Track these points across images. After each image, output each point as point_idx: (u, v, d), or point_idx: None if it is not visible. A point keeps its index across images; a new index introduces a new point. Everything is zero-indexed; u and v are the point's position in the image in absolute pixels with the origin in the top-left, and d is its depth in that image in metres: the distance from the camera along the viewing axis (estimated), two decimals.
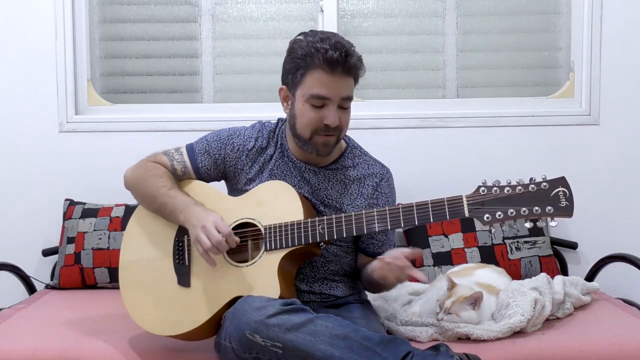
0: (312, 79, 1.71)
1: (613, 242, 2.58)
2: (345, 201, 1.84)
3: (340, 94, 1.71)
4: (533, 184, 1.54)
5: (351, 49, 1.72)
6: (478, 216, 1.55)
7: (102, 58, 2.80)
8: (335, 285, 1.87)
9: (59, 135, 2.69)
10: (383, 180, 1.89)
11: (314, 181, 1.85)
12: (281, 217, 1.71)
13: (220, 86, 2.80)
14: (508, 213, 1.53)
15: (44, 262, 2.63)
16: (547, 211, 1.51)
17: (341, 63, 1.68)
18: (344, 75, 1.70)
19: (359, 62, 1.73)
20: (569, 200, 1.51)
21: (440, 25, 2.76)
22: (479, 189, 1.57)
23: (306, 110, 1.74)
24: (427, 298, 1.99)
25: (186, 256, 1.76)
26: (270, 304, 1.54)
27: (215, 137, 1.90)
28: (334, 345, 1.49)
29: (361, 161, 1.90)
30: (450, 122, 2.67)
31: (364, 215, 1.65)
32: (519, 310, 1.83)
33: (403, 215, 1.62)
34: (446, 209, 1.58)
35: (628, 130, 2.65)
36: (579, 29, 2.66)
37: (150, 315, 1.75)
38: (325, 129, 1.74)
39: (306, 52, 1.70)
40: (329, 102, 1.71)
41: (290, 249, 1.68)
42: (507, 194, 1.54)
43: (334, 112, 1.72)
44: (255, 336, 1.50)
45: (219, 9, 2.77)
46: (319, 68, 1.69)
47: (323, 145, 1.77)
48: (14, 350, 1.75)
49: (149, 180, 1.82)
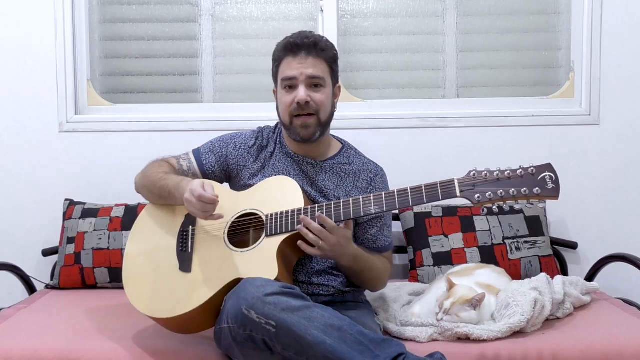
0: (282, 67, 1.88)
1: (613, 242, 2.59)
2: (341, 193, 1.92)
3: (305, 72, 1.84)
4: (521, 169, 1.63)
5: (317, 36, 1.87)
6: (469, 196, 1.64)
7: (102, 58, 2.80)
8: (334, 278, 1.90)
9: (59, 135, 2.69)
10: (377, 177, 1.98)
11: (311, 173, 1.93)
12: (283, 206, 1.77)
13: (220, 86, 2.80)
14: (498, 193, 1.61)
15: (44, 262, 2.63)
16: (535, 192, 1.60)
17: (301, 45, 1.84)
18: (308, 56, 1.84)
19: (321, 43, 1.86)
20: (555, 183, 1.61)
21: (440, 25, 2.77)
22: (469, 173, 1.66)
23: (282, 95, 1.89)
24: (427, 298, 1.98)
25: (189, 244, 1.80)
26: (270, 283, 1.57)
27: (219, 139, 2.02)
28: (327, 333, 1.50)
29: (356, 160, 2.00)
30: (450, 122, 2.67)
31: (362, 200, 1.73)
32: (518, 310, 1.83)
33: (398, 198, 1.70)
34: (439, 190, 1.67)
35: (628, 130, 2.65)
36: (579, 29, 2.66)
37: (149, 298, 1.77)
38: (298, 108, 1.84)
39: (277, 48, 1.90)
40: (297, 81, 1.84)
41: (290, 233, 1.72)
42: (497, 177, 1.63)
43: (303, 89, 1.84)
44: (250, 312, 1.52)
45: (219, 9, 2.77)
46: (286, 56, 1.87)
47: (302, 126, 1.86)
48: (14, 350, 1.75)
49: (150, 171, 1.93)
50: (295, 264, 1.85)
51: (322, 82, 1.86)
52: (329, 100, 1.89)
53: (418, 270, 2.41)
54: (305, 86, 1.84)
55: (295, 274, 1.86)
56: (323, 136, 1.93)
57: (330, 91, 1.90)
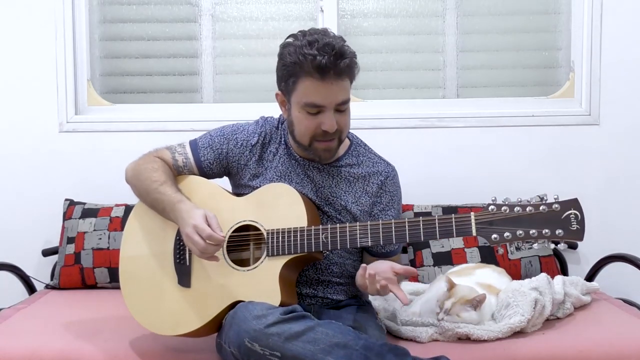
0: (304, 87, 1.65)
1: (613, 242, 2.58)
2: (350, 199, 1.82)
3: (335, 100, 1.66)
4: (544, 205, 1.51)
5: (341, 48, 1.64)
6: (485, 236, 1.54)
7: (102, 58, 2.80)
8: (339, 288, 1.86)
9: (59, 135, 2.69)
10: (388, 179, 1.85)
11: (317, 179, 1.82)
12: (284, 222, 1.69)
13: (220, 86, 2.80)
14: (517, 234, 1.52)
15: (44, 262, 2.63)
16: (557, 234, 1.49)
17: (331, 67, 1.61)
18: (336, 79, 1.64)
19: (351, 63, 1.66)
20: (580, 223, 1.50)
21: (440, 25, 2.76)
22: (487, 207, 1.55)
23: (303, 118, 1.70)
24: (427, 298, 1.98)
25: (187, 256, 1.75)
26: (271, 312, 1.52)
27: (219, 133, 1.88)
28: (332, 354, 1.47)
29: (365, 159, 1.87)
30: (450, 122, 2.67)
31: (369, 227, 1.64)
32: (519, 310, 1.83)
33: (409, 230, 1.61)
34: (453, 227, 1.57)
35: (628, 130, 2.64)
36: (579, 28, 2.66)
37: (150, 314, 1.74)
38: (323, 135, 1.70)
39: (294, 60, 1.64)
40: (325, 108, 1.67)
41: (293, 256, 1.67)
42: (517, 214, 1.52)
43: (331, 117, 1.67)
44: (254, 345, 1.49)
45: (219, 9, 2.77)
46: (309, 76, 1.63)
47: (324, 150, 1.75)
48: (14, 350, 1.75)
49: (144, 174, 1.80)
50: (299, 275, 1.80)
51: (347, 104, 1.71)
52: (350, 116, 1.76)
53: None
54: (333, 112, 1.68)
55: (298, 285, 1.80)
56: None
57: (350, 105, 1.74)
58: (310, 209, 1.74)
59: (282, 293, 1.63)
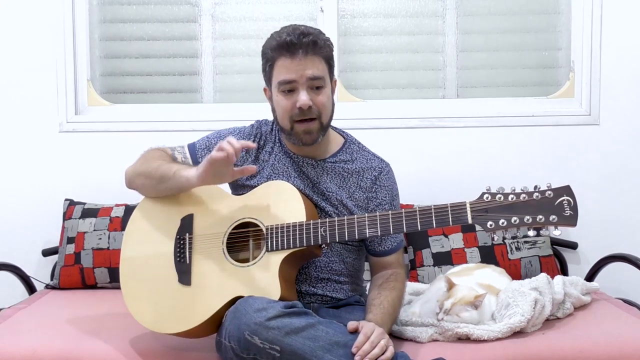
0: (278, 68, 1.76)
1: (613, 242, 2.59)
2: (344, 194, 1.84)
3: (305, 74, 1.73)
4: (537, 192, 1.54)
5: (308, 29, 1.75)
6: (481, 223, 1.56)
7: (102, 58, 2.80)
8: (339, 287, 1.86)
9: (58, 135, 2.69)
10: (382, 174, 1.89)
11: (312, 174, 1.86)
12: (283, 218, 1.71)
13: (220, 86, 2.80)
14: (511, 221, 1.53)
15: (44, 262, 2.63)
16: (551, 220, 1.51)
17: (298, 44, 1.72)
18: (306, 56, 1.73)
19: (316, 39, 1.74)
20: (573, 209, 1.52)
21: (440, 25, 2.76)
22: (482, 195, 1.57)
23: (280, 99, 1.78)
24: (427, 298, 1.98)
25: (187, 254, 1.76)
26: (271, 305, 1.53)
27: (216, 134, 1.94)
28: (332, 352, 1.48)
29: (359, 156, 1.90)
30: (450, 122, 2.67)
31: (367, 219, 1.66)
32: (519, 310, 1.83)
33: (406, 220, 1.62)
34: (449, 215, 1.58)
35: (628, 130, 2.65)
36: (579, 29, 2.66)
37: (150, 312, 1.75)
38: (300, 114, 1.75)
39: (269, 46, 1.78)
40: (297, 84, 1.74)
41: (292, 250, 1.68)
42: (511, 202, 1.54)
43: (304, 93, 1.74)
44: (254, 338, 1.50)
45: (219, 9, 2.77)
46: (281, 56, 1.75)
47: (304, 132, 1.78)
48: (14, 350, 1.75)
49: (147, 163, 1.84)
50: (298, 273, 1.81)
51: (322, 83, 1.76)
52: (330, 100, 1.80)
53: (418, 270, 2.41)
54: (306, 89, 1.74)
55: (298, 283, 1.82)
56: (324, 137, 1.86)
57: (330, 89, 1.81)
58: (308, 205, 1.77)
59: (282, 288, 1.64)
